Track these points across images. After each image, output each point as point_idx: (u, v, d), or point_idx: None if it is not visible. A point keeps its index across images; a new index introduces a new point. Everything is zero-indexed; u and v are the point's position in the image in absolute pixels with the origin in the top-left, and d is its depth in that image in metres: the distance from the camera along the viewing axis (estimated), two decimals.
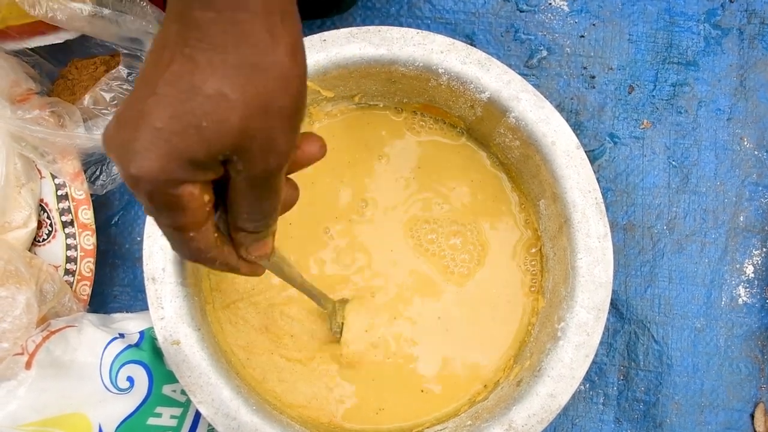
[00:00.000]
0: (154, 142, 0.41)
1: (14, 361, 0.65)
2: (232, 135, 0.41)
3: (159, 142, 0.41)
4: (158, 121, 0.40)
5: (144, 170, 0.41)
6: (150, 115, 0.41)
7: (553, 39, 0.84)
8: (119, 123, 0.42)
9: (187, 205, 0.44)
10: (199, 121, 0.40)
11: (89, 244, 0.77)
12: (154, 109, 0.41)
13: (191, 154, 0.41)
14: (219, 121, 0.41)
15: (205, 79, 0.40)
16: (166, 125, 0.40)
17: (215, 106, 0.40)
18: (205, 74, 0.40)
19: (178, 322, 0.67)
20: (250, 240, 0.50)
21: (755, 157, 0.82)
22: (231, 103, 0.41)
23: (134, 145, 0.41)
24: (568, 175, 0.69)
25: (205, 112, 0.40)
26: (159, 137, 0.41)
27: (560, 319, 0.69)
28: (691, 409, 0.80)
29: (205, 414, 0.66)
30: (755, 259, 0.82)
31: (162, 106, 0.41)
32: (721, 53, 0.83)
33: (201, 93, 0.40)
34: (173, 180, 0.42)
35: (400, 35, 0.70)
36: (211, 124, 0.41)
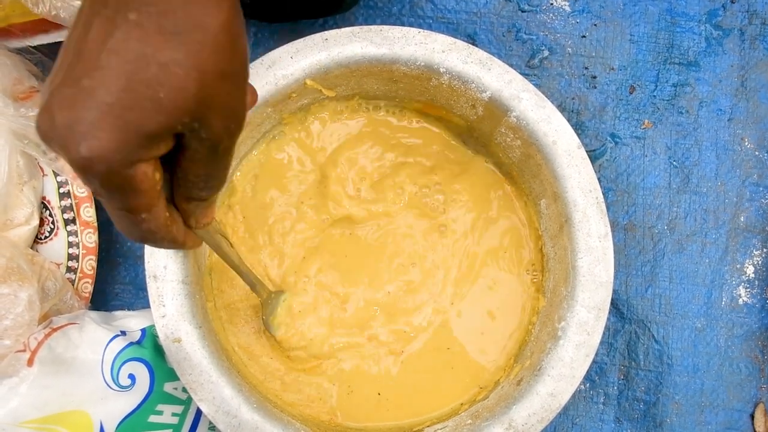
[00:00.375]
0: (106, 119, 0.38)
1: (16, 358, 0.65)
2: (192, 103, 0.39)
3: (111, 119, 0.38)
4: (108, 96, 0.38)
5: (97, 151, 0.38)
6: (97, 90, 0.38)
7: (555, 39, 0.84)
8: (57, 103, 0.39)
9: (141, 185, 0.41)
10: (156, 92, 0.38)
11: (91, 242, 0.77)
12: (100, 82, 0.38)
13: (149, 128, 0.39)
14: (177, 90, 0.38)
15: (158, 46, 0.38)
16: (117, 99, 0.38)
17: (171, 75, 0.38)
18: (156, 41, 0.38)
19: (180, 320, 0.67)
20: (201, 208, 0.49)
21: (756, 157, 0.82)
22: (187, 71, 0.38)
23: (81, 125, 0.38)
24: (569, 175, 0.69)
25: (160, 81, 0.38)
26: (110, 113, 0.38)
27: (561, 318, 0.69)
28: (691, 409, 0.81)
29: (206, 412, 0.66)
30: (756, 260, 0.82)
31: (110, 78, 0.38)
32: (722, 54, 0.83)
33: (154, 61, 0.38)
34: (129, 159, 0.39)
35: (401, 35, 0.70)
36: (169, 94, 0.38)
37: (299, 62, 0.69)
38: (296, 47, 0.70)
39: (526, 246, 0.78)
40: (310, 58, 0.69)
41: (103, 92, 0.38)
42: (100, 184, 0.40)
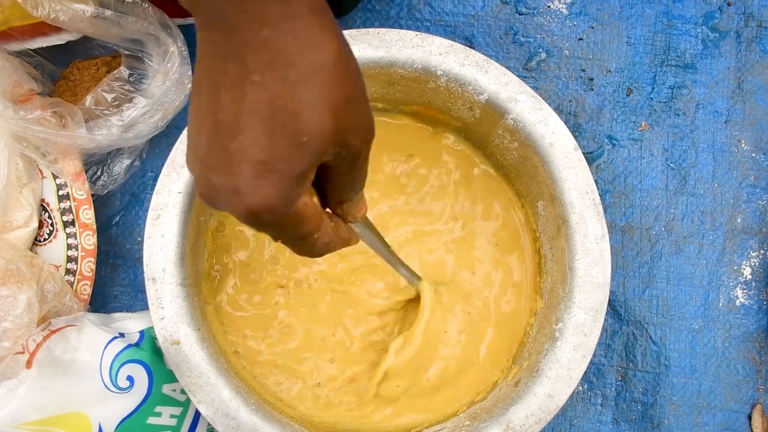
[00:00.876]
0: (263, 175, 0.41)
1: (15, 360, 0.65)
2: (331, 136, 0.42)
3: (266, 173, 0.41)
4: (257, 154, 0.41)
5: (262, 204, 0.41)
6: (245, 151, 0.41)
7: (552, 42, 0.84)
8: (213, 171, 0.42)
9: (306, 215, 0.45)
10: (298, 138, 0.41)
11: (90, 244, 0.78)
12: (247, 144, 0.41)
13: (300, 170, 0.42)
14: (316, 131, 0.41)
15: (287, 98, 0.40)
16: (266, 155, 0.41)
17: (307, 119, 0.41)
18: (284, 93, 0.40)
19: (178, 322, 0.67)
20: (354, 206, 0.52)
21: (752, 159, 0.83)
22: (320, 110, 0.41)
23: (241, 185, 0.41)
24: (566, 177, 0.69)
25: (299, 128, 0.40)
26: (265, 169, 0.41)
27: (558, 319, 0.69)
28: (688, 410, 0.81)
29: (205, 414, 0.66)
30: (753, 261, 0.82)
31: (254, 138, 0.40)
32: (718, 56, 0.83)
33: (289, 112, 0.40)
34: (291, 200, 0.42)
35: (398, 37, 0.70)
36: (310, 136, 0.41)
37: None
38: None
39: (523, 248, 0.78)
40: None
41: (252, 151, 0.40)
42: (273, 228, 0.44)
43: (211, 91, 0.42)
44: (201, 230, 0.73)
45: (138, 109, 0.76)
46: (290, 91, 0.40)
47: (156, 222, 0.69)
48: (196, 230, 0.71)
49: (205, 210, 0.73)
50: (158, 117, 0.76)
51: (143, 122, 0.76)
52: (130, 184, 0.84)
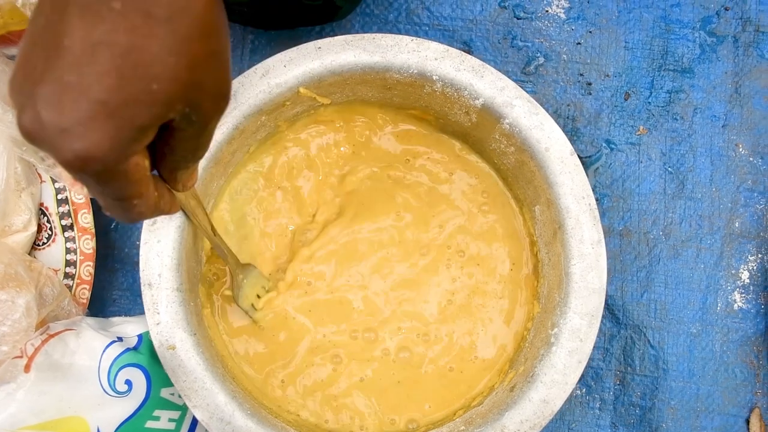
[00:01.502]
0: (98, 118, 0.36)
1: (13, 364, 0.66)
2: (185, 90, 0.38)
3: (103, 117, 0.37)
4: (99, 93, 0.36)
5: (92, 151, 0.37)
6: (87, 87, 0.36)
7: (550, 46, 0.84)
8: (42, 102, 0.37)
9: (134, 176, 0.41)
10: (149, 85, 0.37)
11: (89, 248, 0.78)
12: (90, 79, 0.36)
13: (143, 122, 0.38)
14: (170, 80, 0.38)
15: (147, 36, 0.36)
16: (109, 96, 0.36)
17: (163, 65, 0.37)
18: (145, 30, 0.36)
19: (174, 328, 0.68)
20: (188, 174, 0.49)
21: (750, 163, 0.82)
22: (179, 57, 0.37)
23: (73, 125, 0.36)
24: (561, 182, 0.69)
25: (154, 73, 0.37)
26: (102, 111, 0.36)
27: (554, 324, 0.69)
28: (686, 414, 0.81)
29: (200, 418, 0.66)
30: (750, 265, 0.82)
31: (100, 74, 0.36)
32: (716, 60, 0.83)
33: (146, 52, 0.37)
34: (124, 155, 0.39)
35: (394, 42, 0.70)
36: (162, 85, 0.37)
37: (292, 71, 0.70)
38: (289, 56, 0.70)
39: (521, 252, 0.78)
40: (303, 66, 0.70)
41: (95, 89, 0.36)
42: (95, 181, 0.39)
43: (60, 8, 0.37)
44: (198, 235, 0.73)
45: None
46: (150, 29, 0.36)
47: (152, 228, 0.69)
48: (192, 235, 0.71)
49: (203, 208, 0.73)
50: None
51: None
52: None
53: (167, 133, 0.42)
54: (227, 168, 0.73)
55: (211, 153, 0.69)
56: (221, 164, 0.72)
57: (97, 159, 0.37)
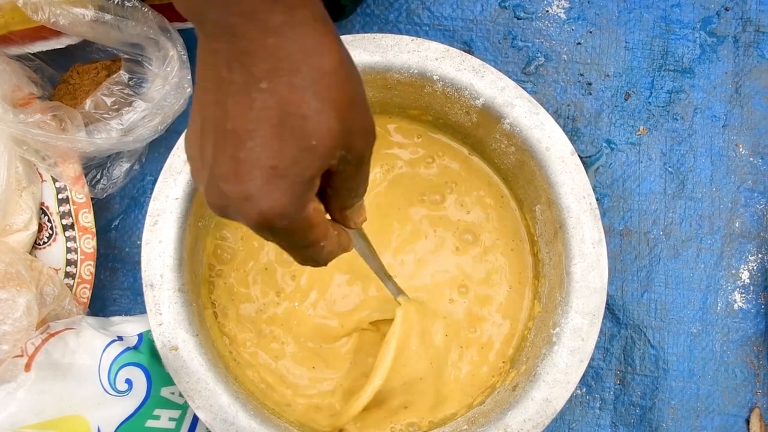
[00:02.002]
0: (274, 181, 0.41)
1: (14, 364, 0.66)
2: (339, 139, 0.42)
3: (278, 179, 0.41)
4: (268, 160, 0.41)
5: (274, 210, 0.42)
6: (258, 159, 0.41)
7: (551, 46, 0.84)
8: (222, 179, 0.43)
9: (315, 221, 0.45)
10: (308, 142, 0.41)
11: (89, 248, 0.78)
12: (257, 151, 0.41)
13: (311, 174, 0.42)
14: (325, 133, 0.41)
15: (296, 103, 0.41)
16: (277, 161, 0.41)
17: (316, 123, 0.41)
18: (293, 99, 0.41)
19: (176, 328, 0.68)
20: (356, 212, 0.53)
21: (750, 163, 0.83)
22: (327, 113, 0.41)
23: (253, 192, 0.42)
24: (562, 181, 0.69)
25: (309, 132, 0.41)
26: (276, 174, 0.41)
27: (555, 324, 0.69)
28: (687, 414, 0.81)
29: (204, 419, 0.66)
30: (751, 265, 0.82)
31: (264, 144, 0.41)
32: (716, 61, 0.84)
33: (298, 117, 0.41)
34: (302, 205, 0.43)
35: (394, 42, 0.70)
36: (319, 140, 0.41)
37: None
38: None
39: (522, 252, 0.78)
40: None
41: (263, 158, 0.41)
42: (283, 235, 0.45)
43: (217, 101, 0.42)
44: (199, 235, 0.73)
45: (137, 112, 0.76)
46: (298, 96, 0.41)
47: (153, 228, 0.69)
48: (194, 236, 0.71)
49: (203, 215, 0.73)
50: (158, 121, 0.76)
51: (143, 126, 0.76)
52: (130, 188, 0.84)
53: (329, 177, 0.46)
54: None
55: None
56: None
57: (281, 214, 0.42)
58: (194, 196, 0.70)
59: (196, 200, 0.70)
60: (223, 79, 0.42)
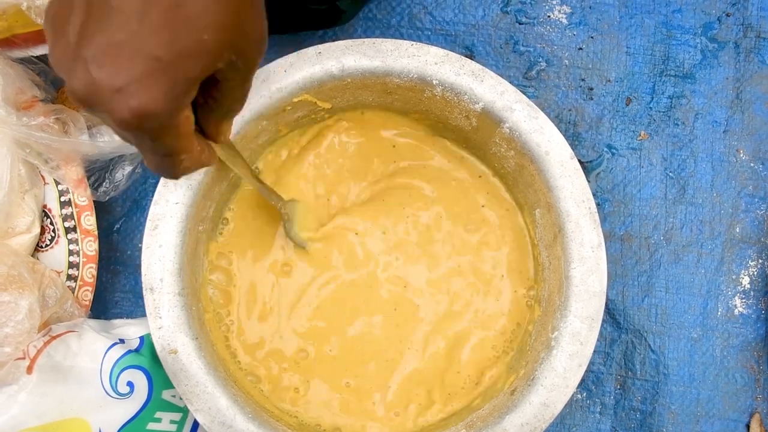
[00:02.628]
0: (154, 75, 0.37)
1: (16, 366, 0.66)
2: (233, 38, 0.39)
3: (158, 73, 0.37)
4: (154, 49, 0.37)
5: (148, 107, 0.38)
6: (140, 44, 0.37)
7: (552, 51, 0.84)
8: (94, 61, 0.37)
9: (183, 130, 0.42)
10: (200, 35, 0.38)
11: (91, 250, 0.78)
12: (143, 36, 0.37)
13: (195, 74, 0.39)
14: (220, 28, 0.38)
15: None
16: (165, 52, 0.37)
17: (213, 13, 0.38)
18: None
19: (176, 332, 0.68)
20: (227, 125, 0.49)
21: (751, 169, 0.83)
22: (225, 7, 0.38)
23: (129, 83, 0.37)
24: (561, 185, 0.69)
25: (204, 23, 0.38)
26: (159, 67, 0.37)
27: (554, 328, 0.69)
28: (687, 419, 0.81)
29: (202, 422, 0.67)
30: (751, 270, 0.82)
31: (153, 30, 0.37)
32: (717, 66, 0.84)
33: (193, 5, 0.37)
34: (177, 108, 0.40)
35: (394, 47, 0.70)
36: (212, 35, 0.38)
37: (293, 75, 0.70)
38: (290, 61, 0.70)
39: (522, 256, 0.78)
40: (304, 71, 0.70)
41: (149, 46, 0.37)
42: (149, 137, 0.40)
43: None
44: (200, 239, 0.73)
45: None
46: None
47: (154, 232, 0.69)
48: (194, 240, 0.72)
49: (203, 219, 0.73)
50: None
51: None
52: (132, 191, 0.84)
53: (211, 86, 0.43)
54: (228, 172, 0.73)
55: None
56: (223, 168, 0.72)
57: (154, 114, 0.38)
58: (195, 200, 0.70)
59: (196, 205, 0.70)
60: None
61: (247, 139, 0.72)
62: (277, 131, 0.75)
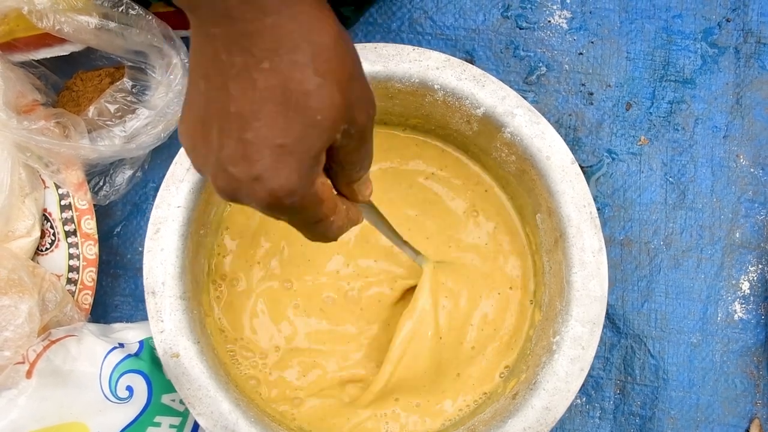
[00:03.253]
0: (282, 159, 0.42)
1: (15, 370, 0.66)
2: (342, 112, 0.43)
3: (286, 157, 0.42)
4: (277, 138, 0.42)
5: (284, 188, 0.43)
6: (265, 138, 0.42)
7: (552, 56, 0.84)
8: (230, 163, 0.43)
9: (323, 196, 0.46)
10: (313, 118, 0.42)
11: (91, 254, 0.78)
12: (265, 131, 0.42)
13: (317, 148, 0.43)
14: (329, 108, 0.42)
15: (298, 80, 0.41)
16: (286, 138, 0.42)
17: (320, 97, 0.42)
18: (295, 76, 0.41)
19: (178, 336, 0.68)
20: (363, 185, 0.53)
21: (751, 174, 0.83)
22: (329, 88, 0.42)
23: (264, 171, 0.42)
24: (562, 190, 0.69)
25: (313, 107, 0.42)
26: (284, 152, 0.42)
27: (555, 332, 0.69)
28: (686, 424, 0.81)
29: (204, 426, 0.67)
30: (751, 276, 0.82)
31: (271, 124, 0.42)
32: (717, 71, 0.84)
33: (301, 93, 0.42)
34: (310, 181, 0.44)
35: (396, 52, 0.70)
36: (323, 114, 0.42)
37: None
38: None
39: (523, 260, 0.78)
40: None
41: (270, 136, 0.42)
42: (294, 212, 0.45)
43: (219, 85, 0.43)
44: (201, 243, 0.73)
45: (140, 120, 0.76)
46: (299, 73, 0.41)
47: (155, 236, 0.69)
48: (196, 243, 0.72)
49: (205, 223, 0.73)
50: (160, 128, 0.76)
51: (145, 133, 0.76)
52: (132, 195, 0.84)
53: (334, 152, 0.47)
54: None
55: None
56: None
57: (291, 191, 0.43)
58: (197, 204, 0.70)
59: (198, 208, 0.70)
60: (223, 62, 0.42)
61: None
62: None
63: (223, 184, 0.44)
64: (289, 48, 0.41)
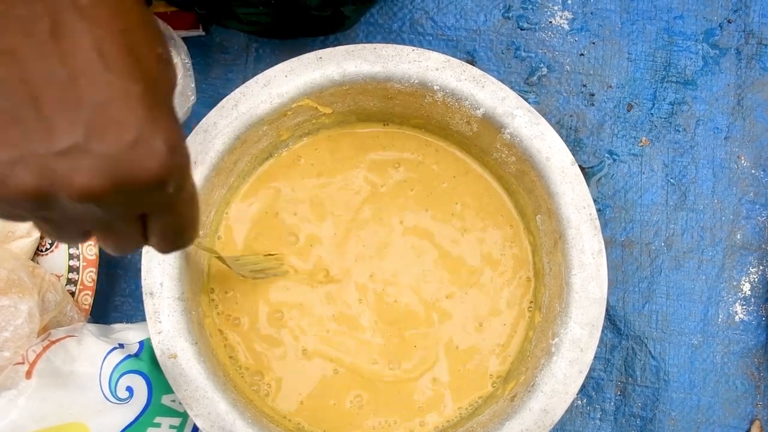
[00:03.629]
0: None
1: (15, 371, 0.66)
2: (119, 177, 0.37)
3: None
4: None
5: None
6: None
7: (553, 57, 0.84)
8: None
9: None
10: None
11: (92, 254, 0.78)
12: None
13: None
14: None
15: None
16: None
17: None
18: None
19: (176, 336, 0.68)
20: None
21: (752, 175, 0.83)
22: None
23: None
24: (562, 192, 0.69)
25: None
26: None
27: (554, 334, 0.69)
28: (687, 425, 0.81)
29: (202, 427, 0.67)
30: (752, 277, 0.82)
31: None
32: (719, 73, 0.84)
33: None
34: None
35: (395, 53, 0.70)
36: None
37: (293, 81, 0.70)
38: (291, 66, 0.70)
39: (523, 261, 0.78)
40: (305, 76, 0.70)
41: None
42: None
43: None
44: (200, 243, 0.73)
45: None
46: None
47: None
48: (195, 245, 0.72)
49: (203, 224, 0.73)
50: None
51: None
52: None
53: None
54: (229, 177, 0.73)
55: (212, 162, 0.70)
56: (223, 174, 0.72)
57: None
58: None
59: None
60: None
61: (248, 144, 0.72)
62: (278, 136, 0.75)
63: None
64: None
